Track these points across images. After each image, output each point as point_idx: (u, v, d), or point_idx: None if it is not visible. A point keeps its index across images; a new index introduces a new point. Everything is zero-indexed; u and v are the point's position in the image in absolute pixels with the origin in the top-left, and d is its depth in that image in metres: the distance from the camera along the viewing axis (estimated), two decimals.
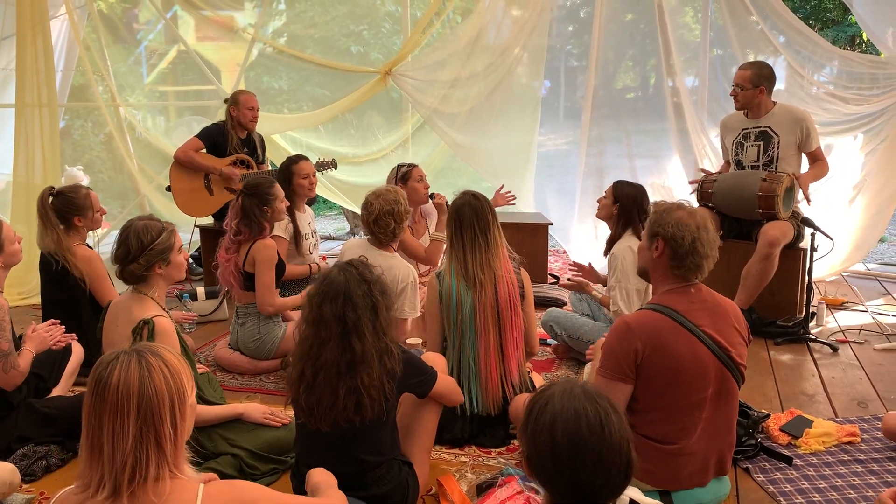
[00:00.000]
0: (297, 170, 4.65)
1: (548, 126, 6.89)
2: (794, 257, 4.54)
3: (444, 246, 4.40)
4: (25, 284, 5.44)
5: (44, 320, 3.85)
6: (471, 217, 3.12)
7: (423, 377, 2.62)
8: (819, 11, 12.55)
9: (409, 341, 3.80)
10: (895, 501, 1.75)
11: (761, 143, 4.57)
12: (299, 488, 2.45)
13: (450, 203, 3.37)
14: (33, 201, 4.09)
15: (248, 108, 5.48)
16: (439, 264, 4.43)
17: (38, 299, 4.82)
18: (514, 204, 5.04)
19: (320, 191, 6.87)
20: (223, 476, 2.54)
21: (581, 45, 6.68)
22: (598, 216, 4.07)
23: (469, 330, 3.10)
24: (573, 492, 1.53)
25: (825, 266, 5.69)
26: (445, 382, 2.73)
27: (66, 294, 3.81)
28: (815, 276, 5.57)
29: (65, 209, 3.91)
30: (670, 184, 6.11)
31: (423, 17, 6.28)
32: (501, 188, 4.94)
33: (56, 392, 3.41)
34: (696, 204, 4.77)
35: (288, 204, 4.31)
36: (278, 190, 4.10)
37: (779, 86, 5.89)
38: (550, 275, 5.67)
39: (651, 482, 2.59)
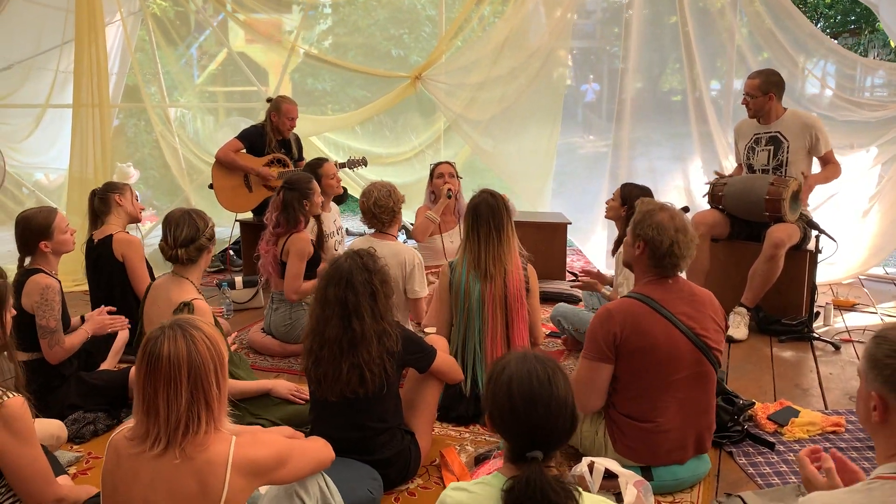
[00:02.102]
0: (324, 172, 4.99)
1: (590, 128, 7.03)
2: (800, 258, 4.68)
3: (432, 227, 4.71)
4: (79, 272, 5.84)
5: (92, 304, 4.24)
6: (487, 215, 3.40)
7: (422, 353, 2.91)
8: (870, 15, 12.48)
9: (426, 329, 4.09)
10: (811, 458, 1.96)
11: (771, 147, 4.74)
12: None
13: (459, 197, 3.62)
14: (87, 195, 4.46)
15: (289, 118, 5.82)
16: (454, 254, 4.69)
17: (84, 287, 5.19)
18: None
19: (354, 190, 7.20)
20: None
21: (625, 48, 6.77)
22: (607, 217, 4.31)
23: (476, 318, 3.38)
24: (526, 436, 1.79)
25: (842, 269, 5.83)
26: (445, 360, 3.00)
27: (107, 277, 4.16)
28: (831, 279, 5.76)
29: (106, 191, 4.28)
30: (693, 188, 6.27)
31: (452, 24, 6.53)
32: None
33: (104, 366, 3.77)
34: (707, 206, 4.99)
35: (323, 199, 4.63)
36: (316, 185, 4.45)
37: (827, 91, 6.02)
38: (570, 272, 5.89)
39: (632, 458, 2.83)
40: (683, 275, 4.62)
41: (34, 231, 3.46)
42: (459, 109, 6.39)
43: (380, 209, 4.06)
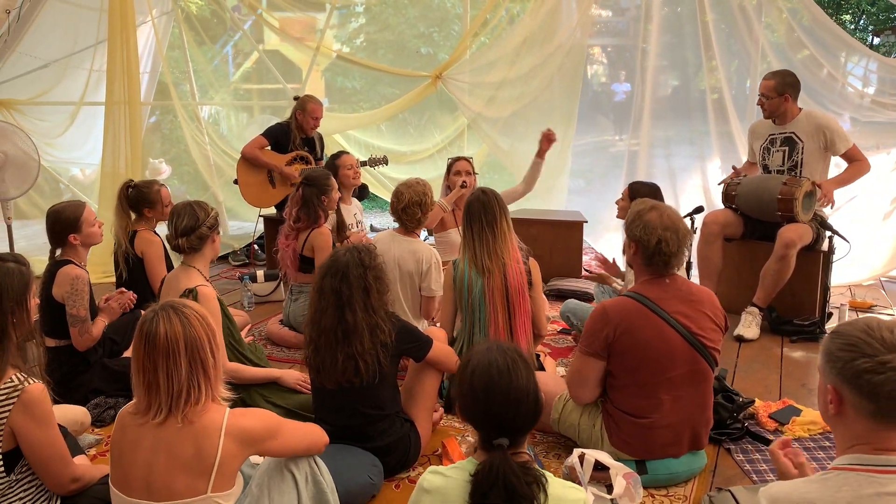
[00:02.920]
0: (341, 163, 5.13)
1: (620, 127, 7.01)
2: (813, 259, 4.68)
3: (442, 214, 4.81)
4: (108, 264, 6.03)
5: None
6: (479, 211, 3.48)
7: (417, 343, 3.01)
8: None
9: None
10: (783, 450, 2.03)
11: (786, 148, 4.74)
12: None
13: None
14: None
15: (313, 118, 5.97)
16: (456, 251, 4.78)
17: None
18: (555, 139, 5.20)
19: (377, 189, 7.34)
20: None
21: (660, 45, 6.68)
22: (618, 216, 4.37)
23: (479, 311, 3.47)
24: (490, 424, 1.89)
25: (864, 271, 5.81)
26: (440, 350, 3.10)
27: (129, 272, 4.31)
28: (852, 280, 5.74)
29: (138, 200, 4.44)
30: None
31: (474, 22, 6.61)
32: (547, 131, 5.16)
33: (126, 354, 3.93)
34: (721, 205, 5.02)
35: (340, 195, 4.75)
36: (334, 181, 4.57)
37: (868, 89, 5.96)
38: (586, 270, 5.95)
39: (627, 451, 2.90)
40: (693, 275, 4.71)
41: (64, 225, 3.62)
42: (479, 108, 6.47)
43: (407, 216, 4.12)
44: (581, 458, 2.71)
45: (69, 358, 3.63)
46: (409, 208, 4.09)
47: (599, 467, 2.72)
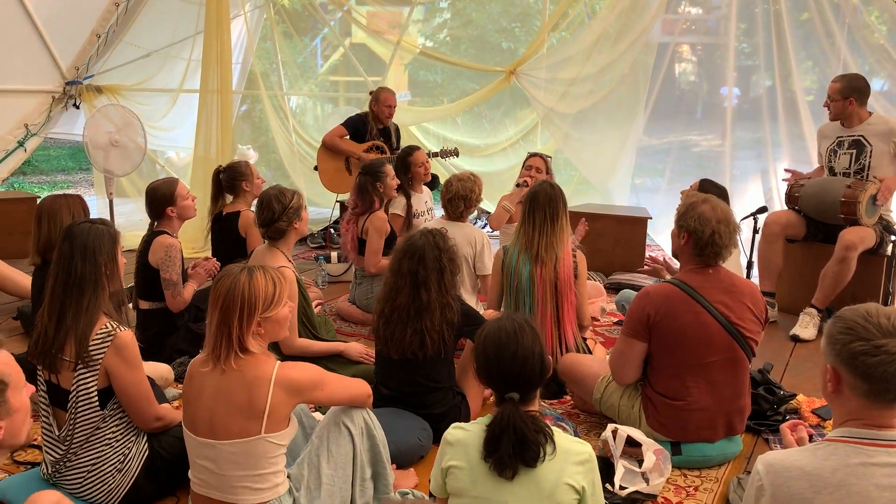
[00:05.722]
0: (413, 160, 5.41)
1: (708, 126, 7.04)
2: (875, 263, 4.67)
3: (506, 216, 5.01)
4: (199, 240, 6.49)
5: None
6: (544, 202, 3.67)
7: (477, 326, 3.22)
8: None
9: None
10: (792, 431, 2.17)
11: (854, 151, 4.73)
12: (378, 403, 3.13)
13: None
14: (209, 173, 5.02)
15: (387, 106, 6.30)
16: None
17: (203, 255, 5.76)
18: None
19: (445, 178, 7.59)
20: None
21: (753, 45, 6.61)
22: None
23: (526, 297, 3.68)
24: (501, 381, 2.11)
25: None
26: None
27: (227, 247, 4.61)
28: None
29: (234, 178, 4.78)
30: None
31: (551, 18, 6.75)
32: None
33: None
34: (784, 206, 5.05)
35: (398, 182, 4.99)
36: (389, 169, 4.86)
37: None
38: (647, 264, 6.03)
39: (663, 433, 3.05)
40: (753, 274, 4.76)
41: (160, 199, 4.00)
42: (552, 104, 6.62)
43: (452, 207, 4.44)
44: (614, 433, 2.88)
45: (159, 320, 4.02)
46: (454, 200, 4.41)
47: (632, 443, 2.89)
